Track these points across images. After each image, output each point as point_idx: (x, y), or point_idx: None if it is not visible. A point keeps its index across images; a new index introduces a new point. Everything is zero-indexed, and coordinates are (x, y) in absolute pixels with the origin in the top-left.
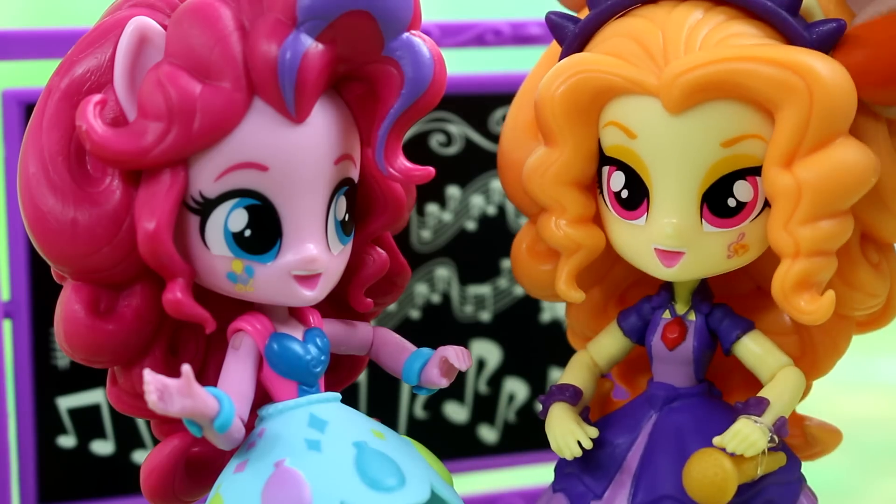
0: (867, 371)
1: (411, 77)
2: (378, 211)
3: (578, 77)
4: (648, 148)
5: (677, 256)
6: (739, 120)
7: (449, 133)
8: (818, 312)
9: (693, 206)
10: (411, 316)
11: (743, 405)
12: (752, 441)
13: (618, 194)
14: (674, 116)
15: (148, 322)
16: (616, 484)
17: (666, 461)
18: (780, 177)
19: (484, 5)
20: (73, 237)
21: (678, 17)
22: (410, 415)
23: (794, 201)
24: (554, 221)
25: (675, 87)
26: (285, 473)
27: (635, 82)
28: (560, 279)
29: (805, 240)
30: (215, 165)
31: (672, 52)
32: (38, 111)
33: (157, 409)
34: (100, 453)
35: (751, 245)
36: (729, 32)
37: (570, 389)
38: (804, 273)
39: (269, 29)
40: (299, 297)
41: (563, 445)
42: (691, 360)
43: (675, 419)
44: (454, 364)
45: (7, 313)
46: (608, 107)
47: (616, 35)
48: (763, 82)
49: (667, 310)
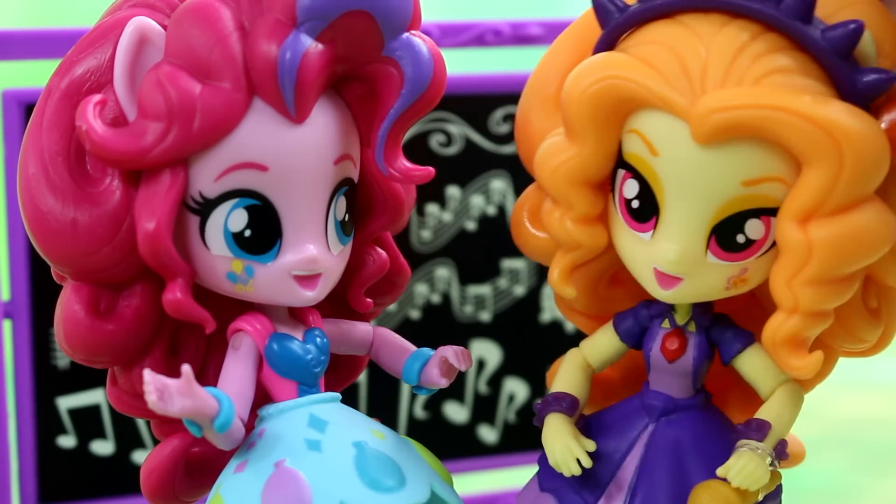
0: (867, 371)
1: (411, 77)
2: (378, 211)
3: (609, 82)
4: (668, 169)
5: (675, 282)
6: (766, 162)
7: (449, 133)
8: (806, 369)
9: (701, 236)
10: (411, 316)
11: (744, 427)
12: (756, 477)
13: (629, 202)
14: (700, 146)
15: (148, 322)
16: (609, 496)
17: (663, 479)
18: (793, 232)
19: (484, 5)
20: (73, 237)
21: (724, 38)
22: (410, 415)
23: (803, 260)
24: (558, 216)
25: (708, 121)
26: (285, 473)
27: (667, 101)
28: (554, 273)
29: (806, 299)
30: (215, 165)
31: (711, 79)
32: (37, 111)
33: (157, 409)
34: (100, 453)
35: (751, 279)
36: (773, 67)
37: (567, 399)
38: (797, 329)
39: (268, 29)
40: (299, 298)
41: (561, 463)
42: (690, 372)
43: (672, 433)
44: (454, 364)
45: (7, 313)
46: (636, 113)
47: (657, 42)
48: (797, 136)
49: (666, 319)
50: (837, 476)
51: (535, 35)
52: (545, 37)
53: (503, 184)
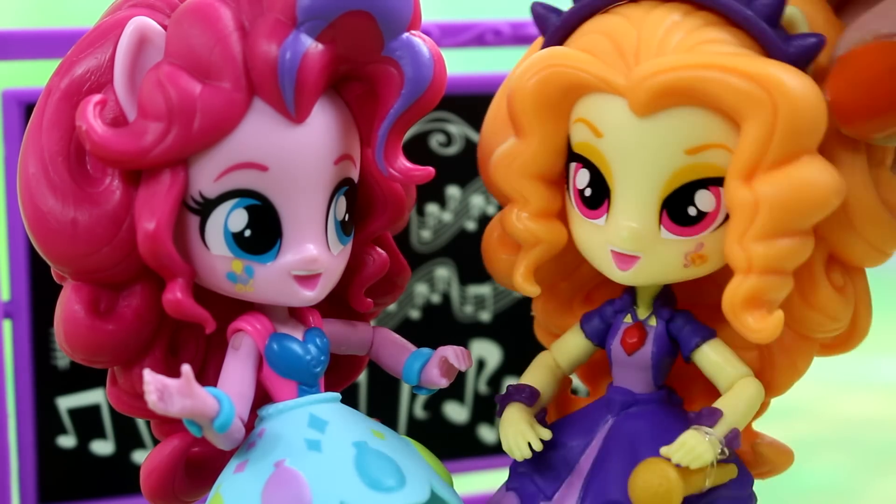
0: (867, 371)
1: (411, 77)
2: (378, 211)
3: (549, 71)
4: (613, 148)
5: (632, 260)
6: (705, 128)
7: (449, 133)
8: (766, 331)
9: (652, 212)
10: (411, 316)
11: (696, 415)
12: (697, 453)
13: (581, 192)
14: (640, 119)
15: (148, 322)
16: (567, 486)
17: (617, 467)
18: (738, 190)
19: (484, 5)
20: (73, 237)
21: (655, 19)
22: (410, 415)
23: (751, 216)
24: (516, 213)
25: (642, 89)
26: (285, 473)
27: (604, 80)
28: (518, 272)
29: (758, 256)
30: (215, 165)
31: (644, 53)
32: (37, 111)
33: (157, 409)
34: (100, 453)
35: (710, 256)
36: (704, 38)
37: (526, 390)
38: (754, 290)
39: (268, 29)
40: (299, 298)
41: (513, 446)
42: (650, 366)
43: (630, 425)
44: (454, 364)
45: (7, 313)
46: (579, 103)
47: (593, 31)
48: (729, 92)
49: (628, 314)
50: (837, 476)
51: (535, 35)
52: None
53: None
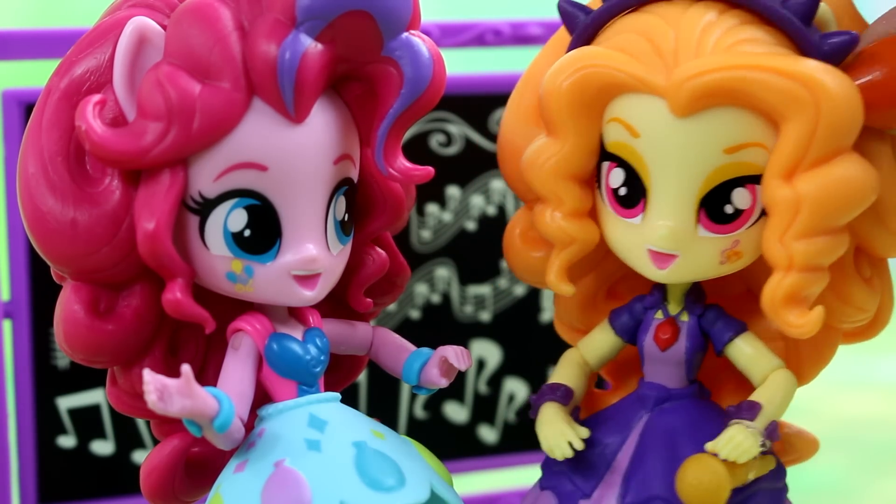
0: (867, 371)
1: (411, 77)
2: (378, 211)
3: (586, 71)
4: (650, 148)
5: (670, 259)
6: (744, 128)
7: (449, 133)
8: (807, 326)
9: (690, 210)
10: (411, 316)
11: (735, 409)
12: (745, 448)
13: (615, 191)
14: (679, 119)
15: (147, 322)
16: (605, 483)
17: (657, 462)
18: (779, 189)
19: (484, 5)
20: (72, 237)
21: (692, 18)
22: (410, 415)
23: (792, 215)
24: (549, 213)
25: (684, 90)
26: (285, 473)
27: (643, 81)
28: (551, 271)
29: (799, 254)
30: (215, 165)
31: (683, 53)
32: (37, 111)
33: (157, 409)
34: (100, 453)
35: (745, 252)
36: (741, 37)
37: (561, 389)
38: (795, 286)
39: (268, 29)
40: (299, 297)
41: (553, 446)
42: (683, 361)
43: (666, 420)
44: (454, 364)
45: (7, 313)
46: (613, 103)
47: (627, 31)
48: (772, 93)
49: (659, 310)
50: (837, 476)
51: (535, 35)
52: (545, 37)
53: (503, 184)
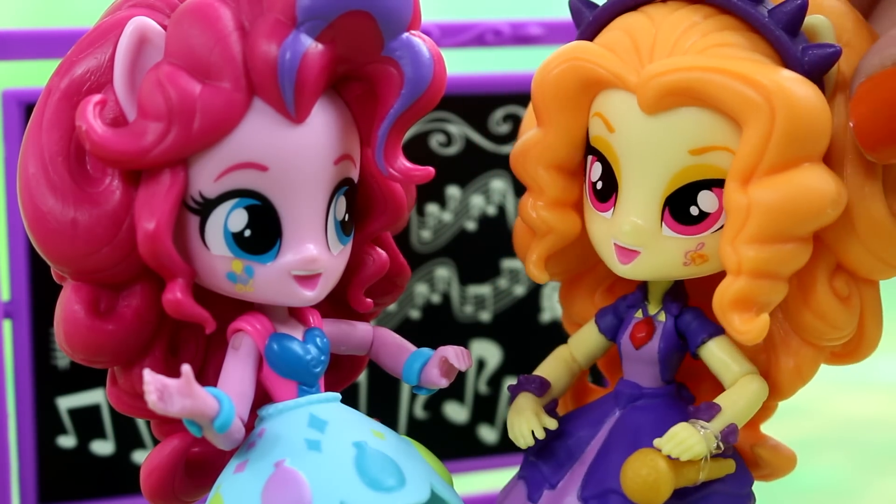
0: (867, 371)
1: (411, 77)
2: (378, 211)
3: (569, 64)
4: (623, 143)
5: (632, 254)
6: (710, 130)
7: (449, 133)
8: (751, 333)
9: (655, 208)
10: (411, 316)
11: (694, 409)
12: (688, 445)
13: (594, 184)
14: (648, 116)
15: (148, 322)
16: (570, 475)
17: (618, 457)
18: (734, 192)
19: (484, 5)
20: (73, 237)
21: (675, 19)
22: (410, 415)
23: (743, 219)
24: (531, 202)
25: (650, 87)
26: (285, 473)
27: (618, 77)
28: (530, 259)
29: (748, 259)
30: (215, 165)
31: (658, 52)
32: (37, 111)
33: (157, 409)
34: (100, 453)
35: (710, 256)
36: (719, 41)
37: (536, 381)
38: (743, 292)
39: (268, 29)
40: (299, 298)
41: (517, 434)
42: (657, 360)
43: (635, 418)
44: (454, 364)
45: (7, 313)
46: (598, 98)
47: (617, 28)
48: (729, 95)
49: (640, 309)
50: (837, 476)
51: (535, 35)
52: (545, 37)
53: (503, 184)
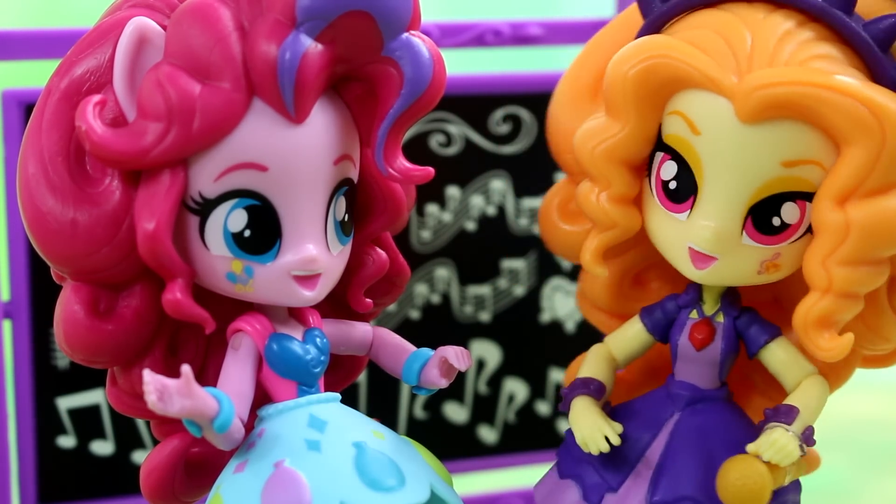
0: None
1: (411, 77)
2: (378, 211)
3: (655, 61)
4: (709, 148)
5: (709, 260)
6: (806, 144)
7: (449, 133)
8: (835, 350)
9: (737, 216)
10: (411, 316)
11: (773, 412)
12: (788, 451)
13: (665, 183)
14: (743, 124)
15: (147, 322)
16: (634, 479)
17: (689, 462)
18: (831, 212)
19: (484, 5)
20: (72, 237)
21: (771, 24)
22: (410, 415)
23: (840, 240)
24: (595, 193)
25: (754, 97)
26: (285, 474)
27: (712, 80)
28: (587, 252)
29: (839, 279)
30: (215, 166)
31: (758, 59)
32: (37, 111)
33: (157, 409)
34: (100, 453)
35: (783, 265)
36: (816, 53)
37: (594, 383)
38: (829, 310)
39: (268, 29)
40: (299, 298)
41: (589, 440)
42: (717, 362)
43: (698, 421)
44: (454, 364)
45: (7, 313)
46: (677, 95)
47: (703, 26)
48: (841, 114)
49: (694, 309)
50: (837, 476)
51: (535, 35)
52: (545, 37)
53: (503, 184)
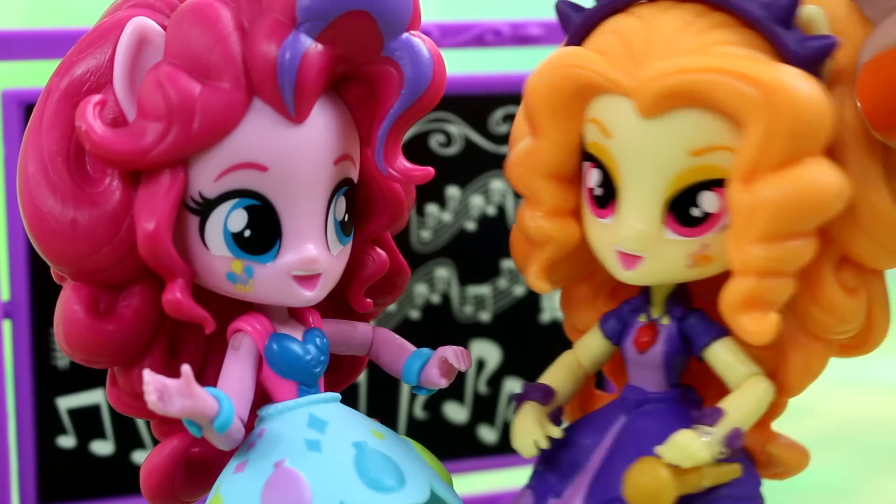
0: (867, 371)
1: (411, 77)
2: (378, 211)
3: (563, 71)
4: (621, 148)
5: (636, 260)
6: (710, 130)
7: (449, 133)
8: (761, 333)
9: (657, 212)
10: (411, 316)
11: (698, 414)
12: (690, 452)
13: (592, 191)
14: (646, 120)
15: (147, 322)
16: (576, 484)
17: (623, 465)
18: (738, 192)
19: (484, 5)
20: (72, 237)
21: (667, 20)
22: (410, 415)
23: (748, 219)
24: (529, 212)
25: (647, 91)
26: (285, 474)
27: (612, 81)
28: (530, 270)
29: (755, 259)
30: (215, 166)
31: (653, 54)
32: (37, 111)
33: (157, 409)
34: (99, 453)
35: (715, 256)
36: (714, 39)
37: (542, 389)
38: (751, 292)
39: (268, 29)
40: (299, 298)
41: (520, 445)
42: (661, 365)
43: (640, 424)
44: (454, 364)
45: (7, 313)
46: (592, 103)
47: (607, 31)
48: (728, 95)
49: (643, 313)
50: (837, 476)
51: (535, 35)
52: (545, 37)
53: (503, 184)
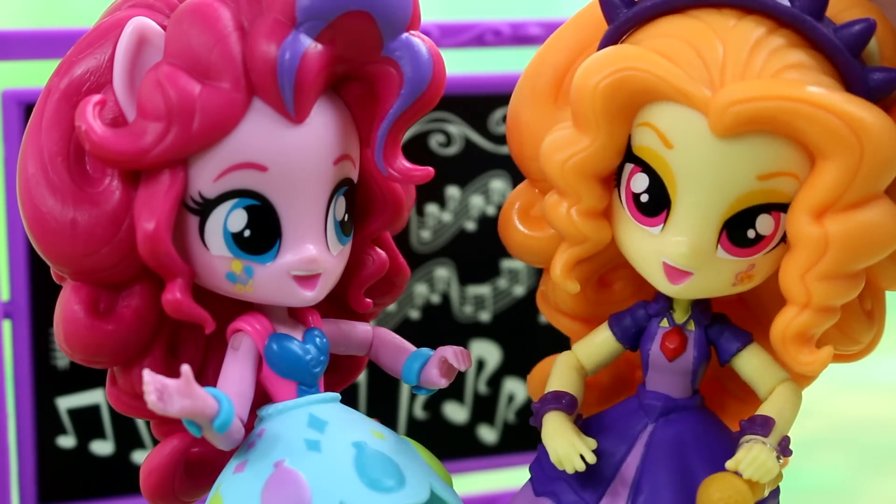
0: (867, 371)
1: (410, 77)
2: (377, 211)
3: (625, 73)
4: (683, 162)
5: (685, 276)
6: (781, 156)
7: (449, 133)
8: (816, 364)
9: (712, 231)
10: (411, 316)
11: (748, 423)
12: (768, 467)
13: (637, 196)
14: (717, 139)
15: (147, 322)
16: (611, 495)
17: (667, 475)
18: (808, 226)
19: (484, 5)
20: (72, 238)
21: (741, 33)
22: (410, 415)
23: (819, 254)
24: (565, 208)
25: (729, 113)
26: (285, 474)
27: (685, 93)
28: (557, 266)
29: (818, 294)
30: (214, 166)
31: (731, 71)
32: (37, 111)
33: (157, 409)
34: (99, 453)
35: (757, 276)
36: (789, 62)
37: (566, 397)
38: (808, 325)
39: (268, 29)
40: (299, 298)
41: (565, 459)
42: (690, 371)
43: (673, 432)
44: (453, 364)
45: (7, 313)
46: (648, 106)
47: (672, 34)
48: (817, 128)
49: (665, 318)
50: (837, 476)
51: (535, 35)
52: (545, 37)
53: (503, 184)
